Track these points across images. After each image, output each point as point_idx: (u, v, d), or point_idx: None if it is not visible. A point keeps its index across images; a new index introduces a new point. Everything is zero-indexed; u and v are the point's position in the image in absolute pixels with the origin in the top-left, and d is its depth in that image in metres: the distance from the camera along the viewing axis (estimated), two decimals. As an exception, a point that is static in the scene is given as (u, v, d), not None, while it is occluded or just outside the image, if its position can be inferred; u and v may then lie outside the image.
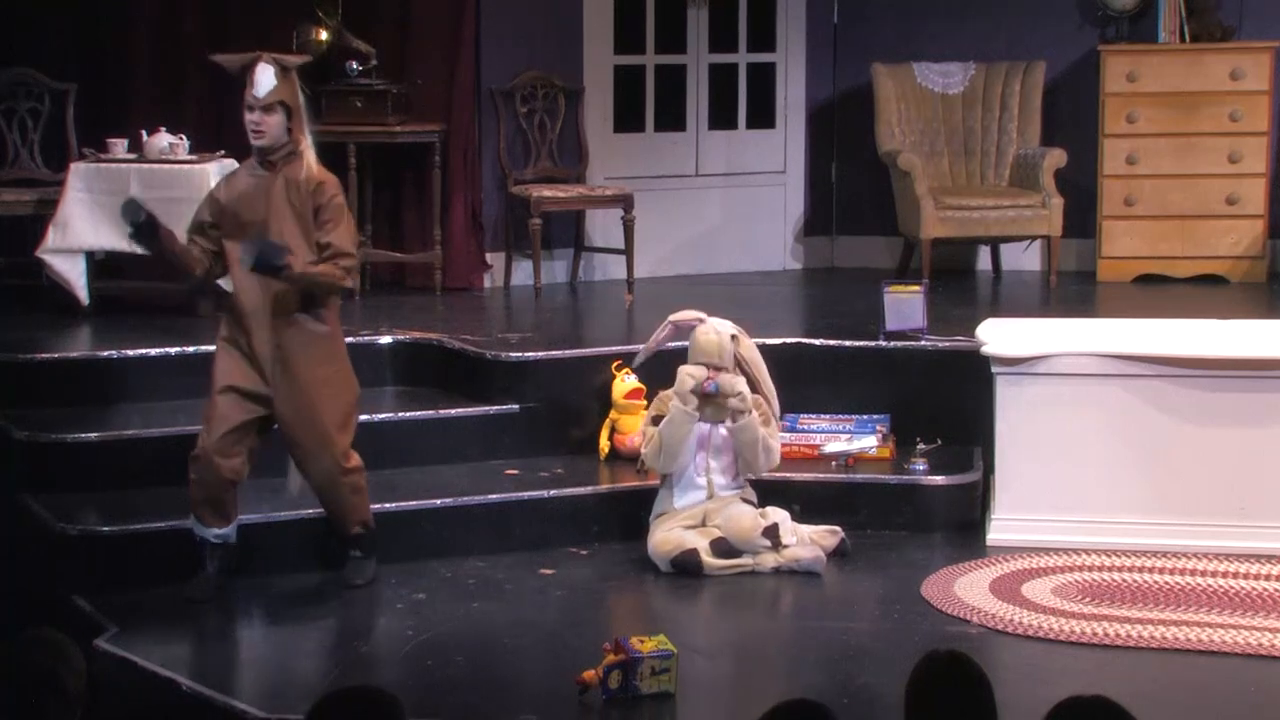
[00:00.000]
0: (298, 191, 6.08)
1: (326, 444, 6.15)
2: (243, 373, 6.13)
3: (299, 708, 4.50)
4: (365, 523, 6.34)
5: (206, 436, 6.12)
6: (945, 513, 7.13)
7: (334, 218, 6.09)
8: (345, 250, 6.10)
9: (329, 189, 6.11)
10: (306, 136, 6.15)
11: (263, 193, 6.09)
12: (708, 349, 6.75)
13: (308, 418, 6.13)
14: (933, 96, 9.92)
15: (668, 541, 6.61)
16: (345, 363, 6.27)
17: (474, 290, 9.34)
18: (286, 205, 6.07)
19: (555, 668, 5.59)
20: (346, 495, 6.24)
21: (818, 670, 5.69)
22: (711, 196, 10.12)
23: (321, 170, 6.17)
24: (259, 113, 6.07)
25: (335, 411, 6.17)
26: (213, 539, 6.20)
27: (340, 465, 6.18)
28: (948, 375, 7.53)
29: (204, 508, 6.16)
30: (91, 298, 8.27)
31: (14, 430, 6.86)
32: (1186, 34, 9.73)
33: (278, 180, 6.09)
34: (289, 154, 6.11)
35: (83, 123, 8.94)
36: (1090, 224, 9.74)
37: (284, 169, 6.10)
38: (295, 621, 6.16)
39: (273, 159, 6.11)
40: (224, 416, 6.11)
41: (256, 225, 6.06)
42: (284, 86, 6.08)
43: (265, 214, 6.07)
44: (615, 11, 9.81)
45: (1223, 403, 6.82)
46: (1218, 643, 5.84)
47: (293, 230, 6.06)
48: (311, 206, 6.08)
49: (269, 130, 6.07)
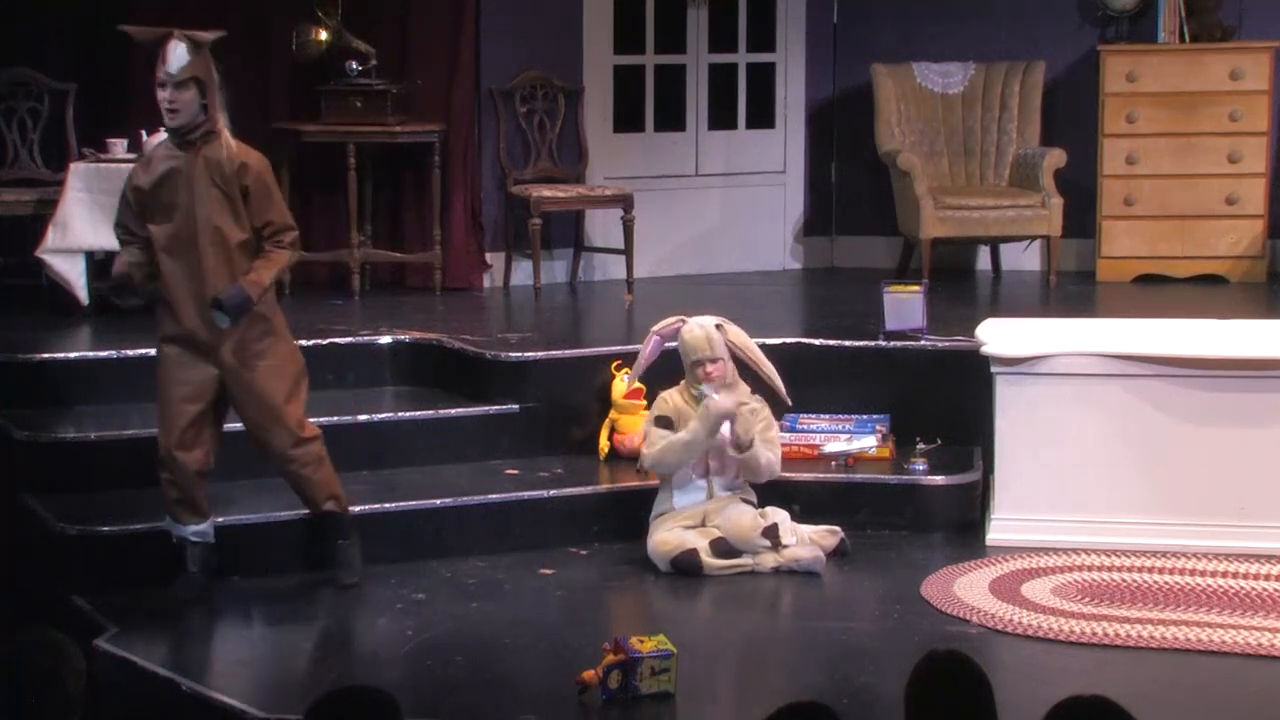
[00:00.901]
0: (220, 172, 6.04)
1: (278, 418, 6.14)
2: (188, 365, 6.12)
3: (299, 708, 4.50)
4: (336, 497, 6.28)
5: (166, 437, 6.13)
6: (945, 513, 7.13)
7: (264, 196, 6.07)
8: (285, 224, 6.11)
9: (253, 167, 6.08)
10: (223, 115, 6.10)
11: (184, 175, 6.05)
12: (697, 345, 6.74)
13: (256, 395, 6.12)
14: (932, 96, 9.92)
15: (668, 541, 6.61)
16: (286, 336, 6.24)
17: (474, 290, 9.34)
18: (210, 186, 6.04)
19: (555, 668, 5.59)
20: (308, 466, 6.20)
21: (818, 670, 5.69)
22: (711, 196, 10.11)
23: (243, 148, 6.13)
24: (171, 89, 6.04)
25: (281, 385, 6.15)
26: (191, 536, 6.19)
27: (295, 435, 6.16)
28: (948, 375, 7.53)
29: (178, 506, 6.17)
30: (91, 298, 8.26)
31: (14, 430, 6.86)
32: (1186, 34, 9.73)
33: (198, 161, 6.05)
34: (206, 133, 6.06)
35: (82, 123, 8.93)
36: (1090, 224, 9.74)
37: (203, 149, 6.06)
38: (295, 621, 6.16)
39: (190, 139, 6.06)
40: (177, 413, 6.11)
41: (180, 207, 6.02)
42: (197, 63, 6.05)
43: (189, 196, 6.03)
44: (615, 11, 9.81)
45: (1223, 403, 6.82)
46: (1218, 643, 5.84)
47: (219, 211, 6.04)
48: (238, 187, 6.05)
49: (183, 108, 6.03)
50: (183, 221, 6.06)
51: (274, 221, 6.08)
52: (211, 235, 6.04)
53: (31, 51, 9.09)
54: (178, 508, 6.17)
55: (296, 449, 6.18)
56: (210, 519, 6.24)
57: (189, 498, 6.16)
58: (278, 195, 6.17)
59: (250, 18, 9.13)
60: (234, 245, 6.05)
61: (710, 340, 6.74)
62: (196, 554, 6.22)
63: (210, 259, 6.04)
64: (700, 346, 6.74)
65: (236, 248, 6.06)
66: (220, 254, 6.05)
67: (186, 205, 6.04)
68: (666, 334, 6.88)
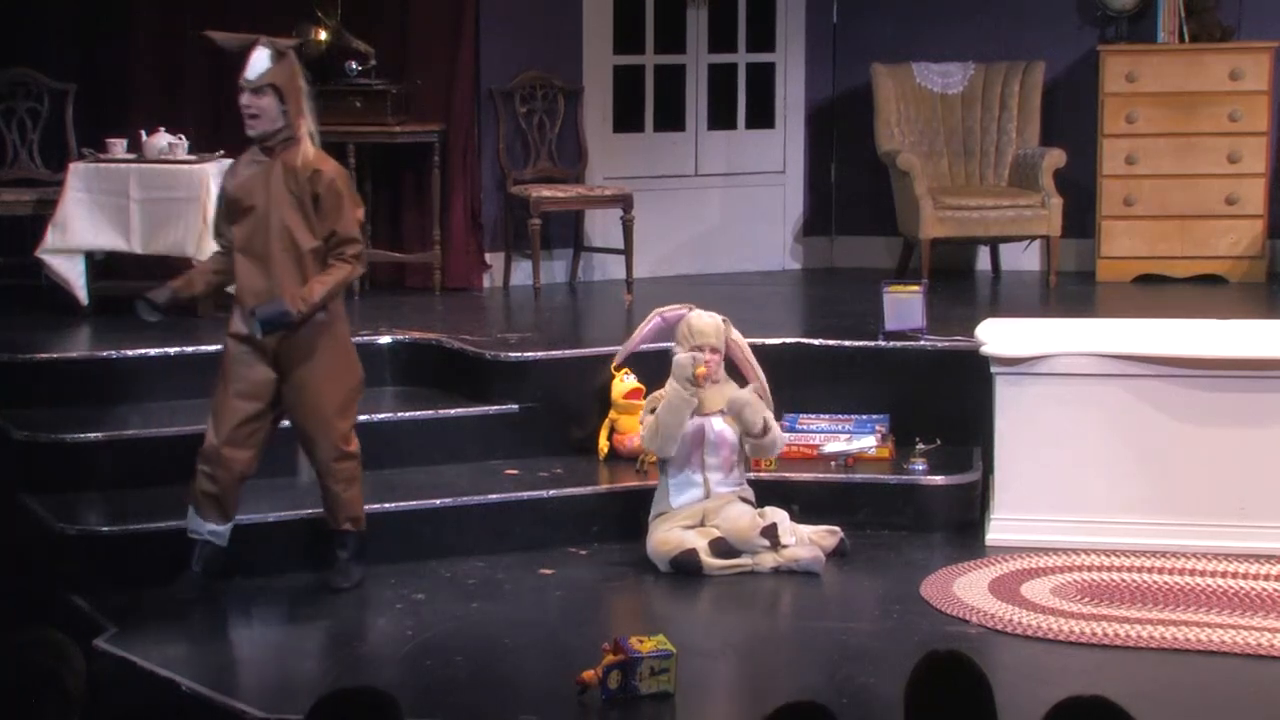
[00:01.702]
0: (295, 179, 6.09)
1: (327, 429, 6.19)
2: (250, 364, 6.16)
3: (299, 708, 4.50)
4: (355, 520, 6.32)
5: (216, 432, 6.15)
6: (945, 513, 7.13)
7: (334, 204, 6.11)
8: (349, 236, 6.14)
9: (326, 175, 6.13)
10: (307, 123, 6.15)
11: (262, 180, 6.12)
12: (704, 329, 6.76)
13: (310, 404, 6.18)
14: (932, 96, 9.92)
15: (667, 541, 6.61)
16: (348, 349, 6.32)
17: (473, 290, 9.34)
18: (285, 192, 6.10)
19: (555, 668, 5.59)
20: (340, 482, 6.24)
21: (817, 670, 5.70)
22: (711, 196, 10.12)
23: (320, 156, 6.18)
24: (249, 95, 6.09)
25: (336, 397, 6.21)
26: (207, 535, 6.20)
27: (339, 449, 6.21)
28: (947, 375, 7.53)
29: (206, 501, 6.17)
30: (91, 298, 8.27)
31: (14, 430, 6.86)
32: (1186, 34, 9.73)
33: (276, 167, 6.11)
34: (286, 140, 6.12)
35: (82, 123, 8.94)
36: (1090, 224, 9.74)
37: (282, 155, 6.11)
38: (295, 621, 6.17)
39: (270, 145, 6.12)
40: (233, 409, 6.14)
41: (257, 210, 6.09)
42: (278, 70, 6.10)
43: (265, 200, 6.09)
44: (615, 11, 9.81)
45: (1223, 403, 6.82)
46: (1218, 643, 5.84)
47: (293, 216, 6.09)
48: (310, 194, 6.09)
49: (261, 113, 6.09)
50: (258, 224, 6.11)
51: (338, 233, 6.11)
52: (283, 240, 6.09)
53: (31, 51, 9.09)
54: (205, 503, 6.18)
55: (337, 462, 6.23)
56: (230, 523, 6.25)
57: (221, 496, 6.17)
58: (349, 207, 6.18)
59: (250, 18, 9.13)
60: (306, 251, 6.10)
61: (718, 330, 6.77)
62: (204, 554, 6.23)
63: (281, 264, 6.09)
64: (707, 331, 6.76)
65: (309, 254, 6.11)
66: (291, 258, 6.10)
67: (263, 209, 6.10)
68: (670, 318, 6.89)
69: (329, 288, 6.09)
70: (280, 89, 6.09)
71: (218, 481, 6.15)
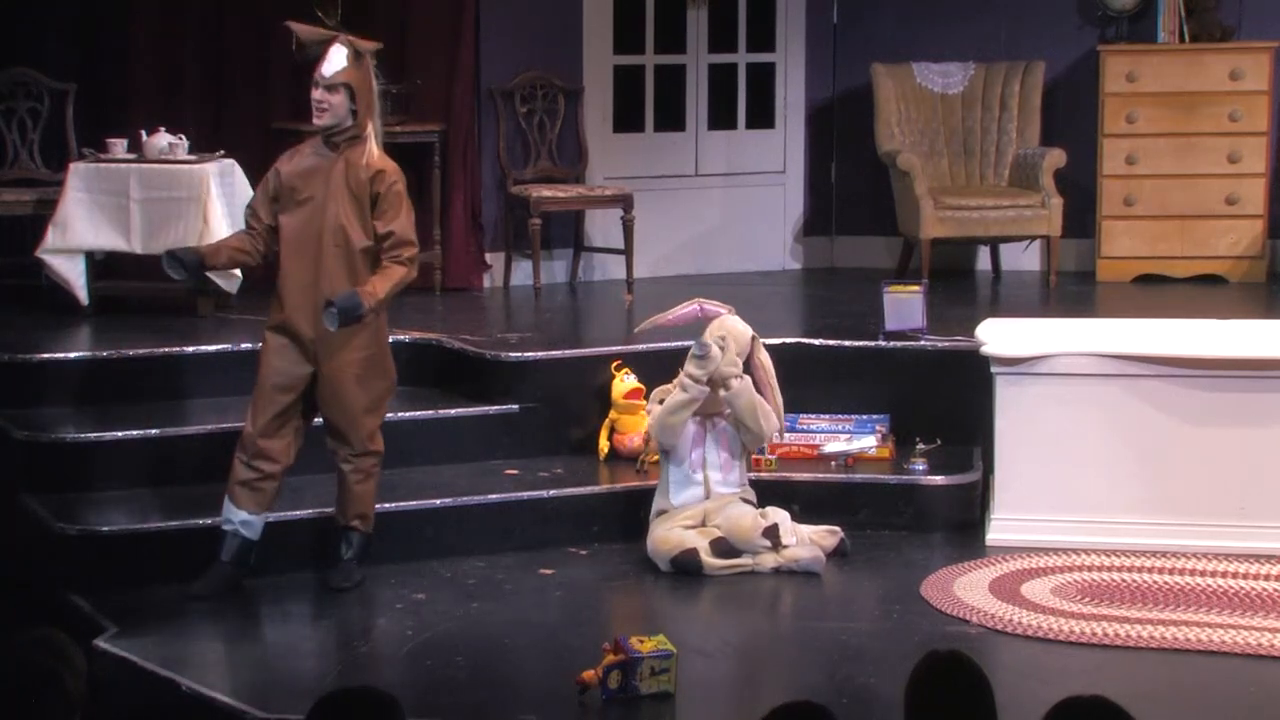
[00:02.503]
0: (357, 176, 6.15)
1: (355, 425, 6.24)
2: (288, 357, 6.20)
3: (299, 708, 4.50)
4: (364, 518, 6.34)
5: (254, 421, 6.20)
6: (945, 513, 7.13)
7: (393, 206, 6.16)
8: (406, 239, 6.18)
9: (389, 176, 6.18)
10: (374, 123, 6.22)
11: (323, 173, 6.17)
12: (739, 335, 6.79)
13: (341, 401, 6.22)
14: (932, 96, 9.93)
15: (667, 541, 6.61)
16: (385, 350, 6.37)
17: (474, 290, 9.34)
18: (345, 188, 6.15)
19: (555, 668, 5.59)
20: (357, 475, 6.27)
21: (817, 670, 5.69)
22: (711, 196, 10.12)
23: (383, 158, 6.23)
24: (322, 90, 6.15)
25: (367, 396, 6.26)
26: (238, 524, 6.21)
27: (363, 445, 6.26)
28: (947, 375, 7.53)
29: (242, 489, 6.20)
30: (91, 298, 8.26)
31: (14, 430, 6.86)
32: (1186, 34, 9.73)
33: (339, 162, 6.16)
34: (353, 137, 6.18)
35: (82, 123, 8.93)
36: (1090, 224, 9.74)
37: (346, 152, 6.16)
38: (295, 621, 6.17)
39: (336, 140, 6.18)
40: (270, 401, 6.20)
41: (312, 203, 6.13)
42: (353, 70, 6.16)
43: (323, 193, 6.14)
44: (615, 11, 9.81)
45: (1223, 403, 6.82)
46: (1218, 643, 5.84)
47: (348, 213, 6.14)
48: (370, 193, 6.15)
49: (331, 109, 6.15)
50: (311, 217, 6.15)
51: (396, 233, 6.14)
52: (336, 235, 6.13)
53: (31, 51, 9.09)
54: (240, 491, 6.21)
55: (359, 458, 6.27)
56: (264, 517, 6.26)
57: (256, 485, 6.20)
58: (406, 209, 6.22)
59: (250, 18, 9.14)
60: (357, 250, 6.14)
61: (748, 338, 6.77)
62: (234, 545, 6.24)
63: (331, 259, 6.13)
64: (741, 338, 6.77)
65: (360, 253, 6.15)
66: (342, 256, 6.13)
67: (319, 202, 6.14)
68: (709, 311, 6.89)
69: (390, 287, 6.12)
70: (353, 88, 6.15)
71: (254, 469, 6.19)
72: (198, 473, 6.71)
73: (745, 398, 6.73)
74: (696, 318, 6.95)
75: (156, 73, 9.20)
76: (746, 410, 6.74)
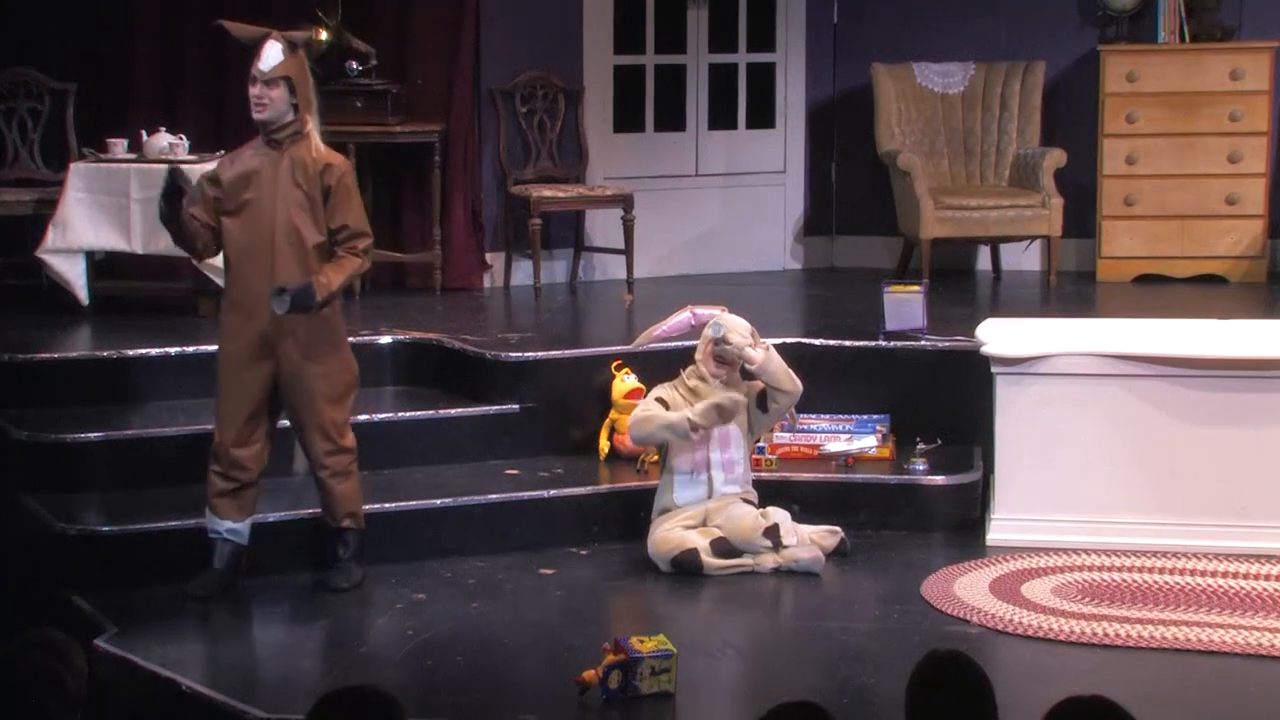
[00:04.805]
0: (305, 172, 6.10)
1: (319, 419, 6.18)
2: (247, 365, 6.15)
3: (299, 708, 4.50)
4: (354, 515, 6.32)
5: (223, 432, 6.17)
6: (945, 513, 7.13)
7: (345, 198, 6.13)
8: (361, 230, 6.16)
9: (338, 169, 6.15)
10: (314, 117, 6.18)
11: (269, 173, 6.11)
12: (737, 326, 6.77)
13: (304, 396, 6.17)
14: (933, 96, 9.93)
15: (668, 541, 6.61)
16: (343, 343, 6.30)
17: (474, 290, 9.34)
18: (293, 187, 6.10)
19: (555, 668, 5.59)
20: (335, 476, 6.24)
21: (818, 670, 5.69)
22: (711, 196, 10.12)
23: (329, 151, 6.20)
24: (261, 86, 6.09)
25: (330, 389, 6.20)
26: (225, 534, 6.21)
27: (334, 443, 6.21)
28: (947, 375, 7.53)
29: (221, 500, 6.19)
30: (91, 298, 8.27)
31: (14, 430, 6.86)
32: (1186, 34, 9.74)
33: (284, 160, 6.11)
34: (294, 134, 6.13)
35: (83, 123, 8.94)
36: (1090, 224, 9.74)
37: (290, 149, 6.12)
38: (295, 621, 6.17)
39: (278, 138, 6.12)
40: (236, 408, 6.16)
41: (258, 205, 6.08)
42: (290, 64, 6.11)
43: (270, 194, 6.09)
44: (615, 11, 9.81)
45: (1223, 403, 6.82)
46: (1218, 643, 5.84)
47: (299, 211, 6.09)
48: (320, 187, 6.10)
49: (271, 104, 6.09)
50: (260, 219, 6.10)
51: (350, 225, 6.12)
52: (289, 235, 6.09)
53: (31, 51, 9.09)
54: (220, 501, 6.19)
55: (330, 457, 6.22)
56: (249, 521, 6.26)
57: (234, 493, 6.19)
58: (357, 200, 6.20)
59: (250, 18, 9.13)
60: (310, 247, 6.10)
61: (749, 329, 6.76)
62: (225, 552, 6.24)
63: (284, 259, 6.08)
64: (741, 328, 6.76)
65: (312, 250, 6.11)
66: (295, 254, 6.09)
67: (267, 203, 6.09)
68: (702, 316, 6.89)
69: (344, 278, 6.10)
70: (292, 81, 6.10)
71: (230, 479, 6.17)
72: (198, 473, 6.69)
73: (774, 363, 6.75)
74: (690, 325, 6.95)
75: (156, 73, 9.20)
76: (780, 374, 6.76)
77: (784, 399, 6.80)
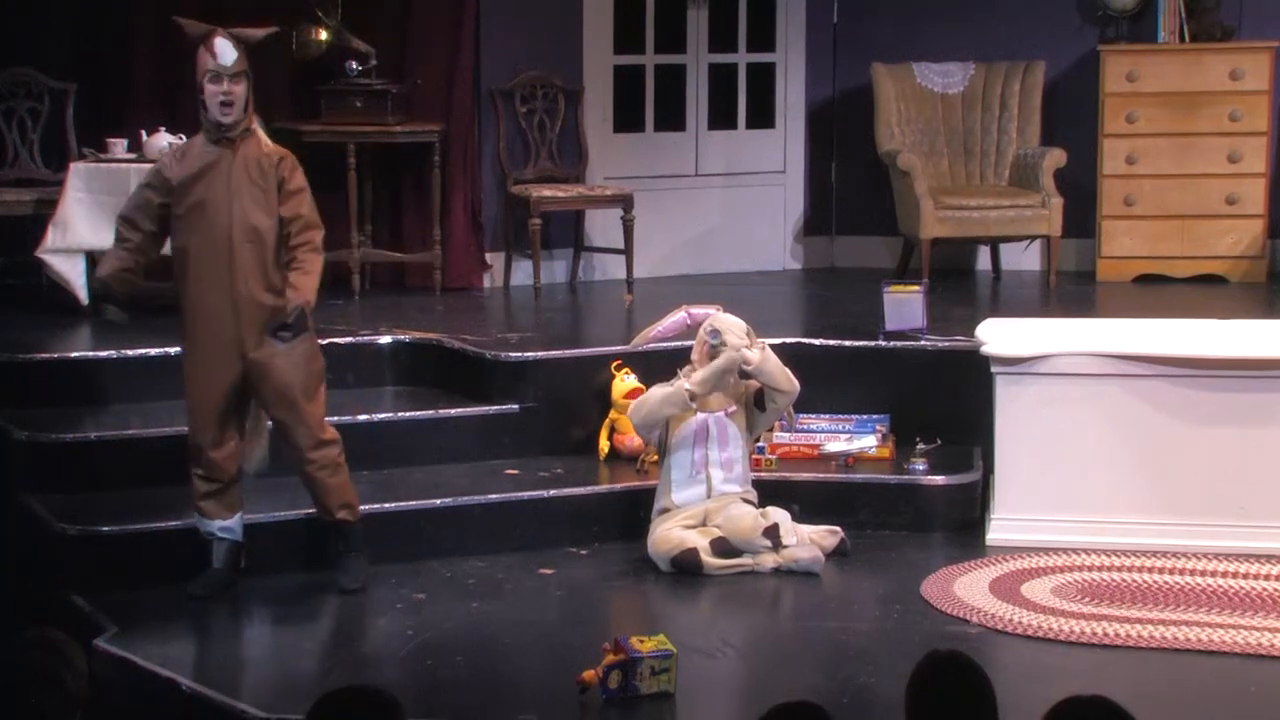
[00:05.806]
0: (259, 167, 6.07)
1: (297, 412, 6.15)
2: (213, 366, 6.12)
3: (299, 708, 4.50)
4: (349, 507, 6.29)
5: (198, 434, 6.16)
6: (945, 513, 7.13)
7: (298, 190, 6.10)
8: (314, 222, 6.13)
9: (290, 161, 6.13)
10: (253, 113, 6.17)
11: (221, 171, 6.06)
12: (733, 325, 6.77)
13: (275, 387, 6.13)
14: (933, 96, 9.93)
15: (668, 540, 6.61)
16: (309, 335, 6.23)
17: (474, 290, 9.34)
18: (247, 183, 6.06)
19: (555, 668, 5.59)
20: (324, 469, 6.21)
21: (818, 670, 5.69)
22: (711, 196, 10.12)
23: (277, 145, 6.19)
24: (228, 82, 6.05)
25: (300, 382, 6.15)
26: (218, 533, 6.21)
27: (316, 436, 6.19)
28: (947, 375, 7.53)
29: (206, 501, 6.19)
30: (91, 298, 8.26)
31: (14, 430, 6.86)
32: (1186, 34, 9.74)
33: (235, 158, 6.07)
34: (245, 130, 6.10)
35: (82, 123, 8.94)
36: (1090, 224, 9.74)
37: (241, 146, 6.08)
38: (295, 621, 6.16)
39: (231, 135, 6.08)
40: (208, 410, 6.13)
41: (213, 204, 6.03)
42: (243, 58, 6.09)
43: (224, 192, 6.04)
44: (615, 11, 9.81)
45: (1223, 403, 6.82)
46: (1218, 643, 5.84)
47: (255, 208, 6.06)
48: (275, 180, 6.07)
49: (237, 101, 6.06)
50: (215, 218, 6.06)
51: (304, 215, 6.09)
52: (247, 232, 6.06)
53: (31, 51, 9.09)
54: (206, 503, 6.19)
55: (315, 450, 6.19)
56: (239, 515, 6.25)
57: (218, 493, 6.18)
58: (308, 192, 6.18)
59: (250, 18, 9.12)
60: (269, 242, 6.08)
61: (744, 329, 6.76)
62: (222, 550, 6.24)
63: (243, 256, 6.05)
64: (736, 327, 6.76)
65: (270, 244, 6.08)
66: (254, 251, 6.06)
67: (221, 202, 6.05)
68: (697, 316, 6.90)
69: (315, 283, 6.07)
70: (250, 76, 6.09)
71: (210, 480, 6.16)
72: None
73: (770, 363, 6.75)
74: (686, 325, 6.96)
75: (156, 73, 9.19)
76: (777, 374, 6.77)
77: (781, 398, 6.80)
